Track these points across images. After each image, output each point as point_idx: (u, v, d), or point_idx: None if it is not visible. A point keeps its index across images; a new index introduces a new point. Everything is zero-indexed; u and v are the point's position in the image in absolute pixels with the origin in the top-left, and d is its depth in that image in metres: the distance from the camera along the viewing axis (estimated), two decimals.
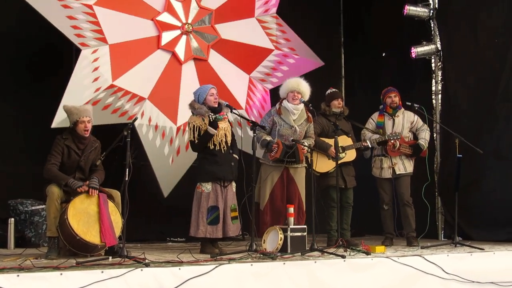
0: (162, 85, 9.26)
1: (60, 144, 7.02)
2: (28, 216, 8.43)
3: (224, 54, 9.89)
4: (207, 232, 7.46)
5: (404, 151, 8.74)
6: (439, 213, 10.01)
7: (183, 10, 9.60)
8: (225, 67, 9.88)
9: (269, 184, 8.08)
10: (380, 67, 10.97)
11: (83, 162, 7.14)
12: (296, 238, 7.26)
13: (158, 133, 9.15)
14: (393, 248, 8.08)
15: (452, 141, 8.58)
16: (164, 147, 9.19)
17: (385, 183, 8.82)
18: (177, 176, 9.31)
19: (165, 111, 9.26)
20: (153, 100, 9.13)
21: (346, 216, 8.54)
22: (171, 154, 9.22)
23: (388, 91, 8.89)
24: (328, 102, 8.67)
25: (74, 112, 7.08)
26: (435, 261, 7.08)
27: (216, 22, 9.85)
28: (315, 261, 6.56)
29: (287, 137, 8.06)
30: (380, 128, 8.81)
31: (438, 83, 10.23)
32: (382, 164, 8.80)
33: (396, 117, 8.85)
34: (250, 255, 6.72)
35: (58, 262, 6.12)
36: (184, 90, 9.35)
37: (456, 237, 8.33)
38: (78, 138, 7.10)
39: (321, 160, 8.34)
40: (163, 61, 9.37)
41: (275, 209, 8.02)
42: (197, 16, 9.70)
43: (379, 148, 8.79)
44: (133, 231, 7.95)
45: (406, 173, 8.78)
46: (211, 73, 9.67)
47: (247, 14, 10.19)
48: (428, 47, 10.12)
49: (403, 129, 8.81)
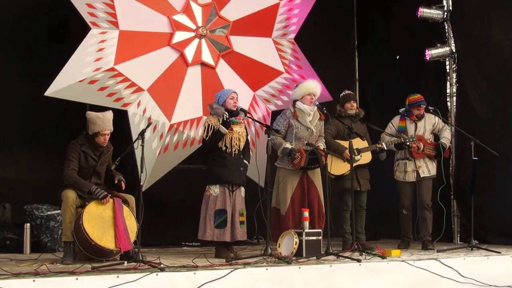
0: (164, 81, 9.20)
1: (76, 149, 7.02)
2: (44, 221, 8.46)
3: (233, 66, 9.82)
4: (214, 235, 7.46)
5: (429, 152, 8.72)
6: (455, 216, 9.94)
7: (201, 14, 9.56)
8: (231, 78, 9.78)
9: (289, 188, 8.01)
10: (394, 70, 10.91)
11: (99, 167, 7.17)
12: (311, 242, 7.26)
13: (151, 126, 9.04)
14: (408, 252, 8.05)
15: (468, 143, 8.53)
16: (153, 140, 9.07)
17: (406, 187, 8.79)
18: (160, 173, 9.16)
19: (162, 106, 9.16)
20: (152, 93, 9.05)
21: (360, 220, 8.51)
22: (158, 149, 9.09)
23: (417, 104, 8.77)
24: (342, 104, 8.66)
25: (98, 123, 7.03)
26: (451, 264, 7.04)
27: (231, 34, 9.79)
28: (331, 265, 6.55)
29: (305, 139, 8.02)
30: (401, 132, 8.76)
31: (453, 85, 10.17)
32: (406, 168, 8.77)
33: (418, 122, 8.83)
34: (265, 259, 6.70)
35: (73, 267, 6.13)
36: (185, 91, 9.34)
37: (472, 240, 8.31)
38: (95, 147, 7.12)
39: (336, 163, 8.31)
40: (170, 59, 9.32)
41: (296, 214, 7.91)
42: (214, 23, 9.65)
43: (403, 151, 8.77)
44: (148, 235, 8.00)
45: (429, 176, 8.76)
46: (215, 81, 9.58)
47: (264, 33, 10.10)
48: (442, 49, 10.06)
49: (425, 132, 8.80)
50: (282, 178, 8.08)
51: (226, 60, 9.76)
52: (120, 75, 8.79)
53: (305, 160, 7.82)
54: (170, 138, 9.18)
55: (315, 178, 8.11)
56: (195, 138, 9.30)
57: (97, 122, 7.04)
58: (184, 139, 9.26)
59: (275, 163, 8.17)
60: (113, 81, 8.73)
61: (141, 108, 8.99)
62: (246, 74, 9.92)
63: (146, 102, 9.06)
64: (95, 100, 8.58)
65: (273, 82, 10.08)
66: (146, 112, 8.98)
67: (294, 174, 8.02)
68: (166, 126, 9.18)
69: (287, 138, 8.09)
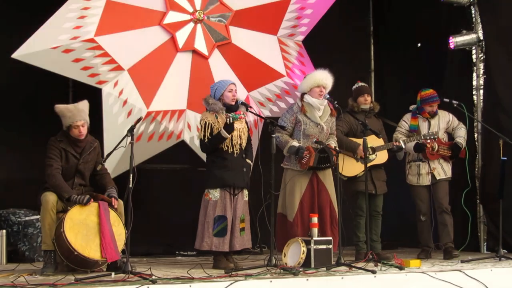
0: (148, 63, 9.06)
1: (56, 146, 7.03)
2: (21, 228, 8.47)
3: (228, 60, 9.69)
4: (212, 244, 7.45)
5: (444, 152, 8.73)
6: (481, 223, 9.95)
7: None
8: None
9: (298, 192, 8.01)
10: (414, 59, 10.91)
11: (82, 166, 7.16)
12: (320, 251, 7.24)
13: (125, 110, 8.85)
14: (429, 262, 8.05)
15: (496, 142, 8.54)
16: (125, 126, 8.90)
17: (422, 191, 8.81)
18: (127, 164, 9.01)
19: (141, 90, 9.01)
20: (132, 74, 8.90)
21: (375, 226, 8.52)
22: None
23: (431, 100, 8.79)
24: (355, 98, 8.67)
25: (67, 115, 7.05)
26: (477, 277, 7.03)
27: (232, 24, 9.69)
28: (342, 277, 6.55)
29: (314, 136, 8.01)
30: (414, 131, 8.77)
31: (480, 77, 10.18)
32: (419, 171, 8.78)
33: (432, 119, 8.84)
34: (269, 270, 6.69)
35: (55, 278, 6.13)
36: (170, 78, 9.20)
37: (500, 249, 8.30)
38: (74, 142, 7.12)
39: (348, 162, 8.29)
40: (159, 40, 9.19)
41: (305, 220, 7.90)
42: (214, 9, 9.53)
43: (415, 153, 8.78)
44: (138, 243, 8.00)
45: (445, 178, 8.77)
46: (206, 72, 9.46)
47: (269, 30, 9.99)
48: (468, 37, 10.06)
49: (439, 131, 8.79)
50: (289, 180, 8.06)
51: (222, 52, 9.63)
52: (99, 48, 8.65)
53: (315, 159, 7.80)
54: (145, 127, 9.00)
55: (326, 180, 8.10)
56: (173, 132, 9.14)
57: (67, 114, 7.06)
58: (161, 131, 9.09)
59: (282, 164, 8.16)
60: (91, 53, 8.58)
61: (118, 88, 8.83)
62: (242, 71, 9.75)
63: (124, 83, 8.90)
64: (68, 72, 8.47)
65: (271, 84, 9.92)
66: (123, 94, 8.81)
67: (303, 175, 8.02)
68: (143, 113, 8.94)
69: (294, 135, 8.08)
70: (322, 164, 7.89)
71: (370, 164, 8.22)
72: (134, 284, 5.73)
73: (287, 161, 8.13)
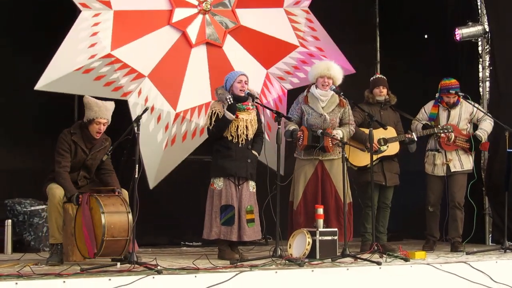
0: (166, 65, 9.13)
1: (66, 140, 7.02)
2: (27, 218, 8.48)
3: (242, 43, 9.73)
4: (221, 233, 7.46)
5: (461, 144, 8.67)
6: (487, 215, 9.93)
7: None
8: (241, 56, 9.72)
9: (302, 181, 8.05)
10: (420, 51, 10.87)
11: (89, 161, 7.17)
12: (325, 242, 7.25)
13: (154, 116, 8.99)
14: (435, 254, 8.05)
15: (502, 134, 8.51)
16: (158, 132, 9.03)
17: (435, 181, 8.78)
18: (168, 168, 9.12)
19: (165, 93, 9.10)
20: (154, 80, 8.99)
21: (382, 218, 8.53)
22: (165, 142, 9.04)
23: (447, 90, 8.74)
24: (371, 89, 8.69)
25: (95, 109, 7.04)
26: (482, 268, 7.04)
27: (238, 7, 9.68)
28: (347, 268, 6.55)
29: (317, 126, 8.01)
30: (432, 120, 8.74)
31: (486, 68, 10.14)
32: (435, 160, 8.76)
33: (452, 109, 8.79)
34: (274, 261, 6.71)
35: (60, 268, 6.14)
36: (190, 75, 9.26)
37: (505, 241, 8.31)
38: (88, 137, 7.10)
39: (359, 153, 8.30)
40: (171, 40, 9.23)
41: (309, 209, 7.94)
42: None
43: (432, 141, 8.75)
44: (144, 234, 8.00)
45: (462, 171, 8.72)
46: (223, 61, 9.52)
47: (274, 3, 9.99)
48: (474, 28, 10.02)
49: (459, 121, 8.75)
50: (297, 169, 8.13)
51: (234, 37, 9.65)
52: (118, 61, 8.71)
53: (309, 137, 7.88)
54: (177, 128, 9.13)
55: (332, 170, 8.09)
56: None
57: (94, 108, 7.04)
58: (193, 129, 9.21)
59: (294, 153, 8.23)
60: (110, 68, 8.67)
61: (143, 96, 8.91)
62: (257, 50, 9.83)
63: (147, 90, 8.99)
64: (92, 91, 8.34)
65: (288, 57, 9.99)
66: (149, 101, 8.90)
67: (309, 164, 8.06)
68: (172, 115, 9.13)
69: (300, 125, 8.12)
70: (316, 143, 7.90)
71: (381, 155, 8.22)
72: (139, 274, 5.73)
73: (296, 150, 8.18)
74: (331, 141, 7.91)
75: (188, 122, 9.20)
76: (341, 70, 8.21)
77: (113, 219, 6.55)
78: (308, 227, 7.48)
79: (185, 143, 9.18)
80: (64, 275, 5.65)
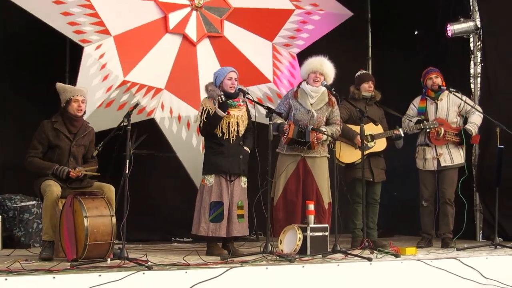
0: (178, 72, 9.24)
1: (44, 130, 7.07)
2: (17, 214, 8.47)
3: (241, 24, 9.84)
4: (209, 230, 7.46)
5: (451, 138, 8.66)
6: (477, 211, 9.96)
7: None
8: (244, 38, 9.85)
9: (283, 177, 8.06)
10: (411, 47, 10.90)
11: (75, 148, 7.18)
12: (316, 238, 7.26)
13: (183, 124, 9.15)
14: (425, 250, 8.08)
15: (493, 130, 8.53)
16: (191, 138, 9.20)
17: (427, 176, 8.76)
18: None
19: (186, 99, 9.24)
20: (171, 90, 9.13)
21: (372, 214, 8.54)
22: (200, 144, 9.09)
23: (428, 72, 8.80)
24: (358, 85, 8.68)
25: (68, 90, 7.16)
26: (472, 264, 7.07)
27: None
28: (338, 264, 6.57)
29: (304, 122, 8.01)
30: (422, 114, 8.72)
31: (477, 65, 10.16)
32: (425, 155, 8.73)
33: (439, 101, 8.77)
34: (265, 257, 6.72)
35: (50, 264, 6.14)
36: (203, 73, 9.33)
37: (496, 237, 8.32)
38: (70, 120, 7.14)
39: (346, 150, 8.34)
40: (175, 46, 9.37)
41: (288, 205, 7.99)
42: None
43: (422, 136, 8.75)
44: (134, 230, 7.99)
45: (452, 166, 8.68)
46: (230, 48, 9.66)
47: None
48: (466, 24, 10.03)
49: (448, 114, 8.72)
50: (279, 165, 8.13)
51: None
52: (133, 84, 8.89)
53: (294, 131, 7.87)
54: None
55: (315, 168, 8.09)
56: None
57: (68, 89, 7.20)
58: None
59: (277, 148, 8.21)
60: (129, 94, 8.87)
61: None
62: (257, 26, 10.01)
63: (169, 102, 9.25)
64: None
65: (287, 23, 10.15)
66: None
67: (291, 160, 8.07)
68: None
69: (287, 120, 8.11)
70: (301, 138, 7.90)
71: (368, 152, 8.23)
72: (130, 270, 5.74)
73: (280, 145, 8.18)
74: (316, 139, 7.92)
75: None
76: (333, 69, 8.18)
77: (97, 222, 6.54)
78: (288, 223, 7.52)
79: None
80: (54, 271, 5.64)
